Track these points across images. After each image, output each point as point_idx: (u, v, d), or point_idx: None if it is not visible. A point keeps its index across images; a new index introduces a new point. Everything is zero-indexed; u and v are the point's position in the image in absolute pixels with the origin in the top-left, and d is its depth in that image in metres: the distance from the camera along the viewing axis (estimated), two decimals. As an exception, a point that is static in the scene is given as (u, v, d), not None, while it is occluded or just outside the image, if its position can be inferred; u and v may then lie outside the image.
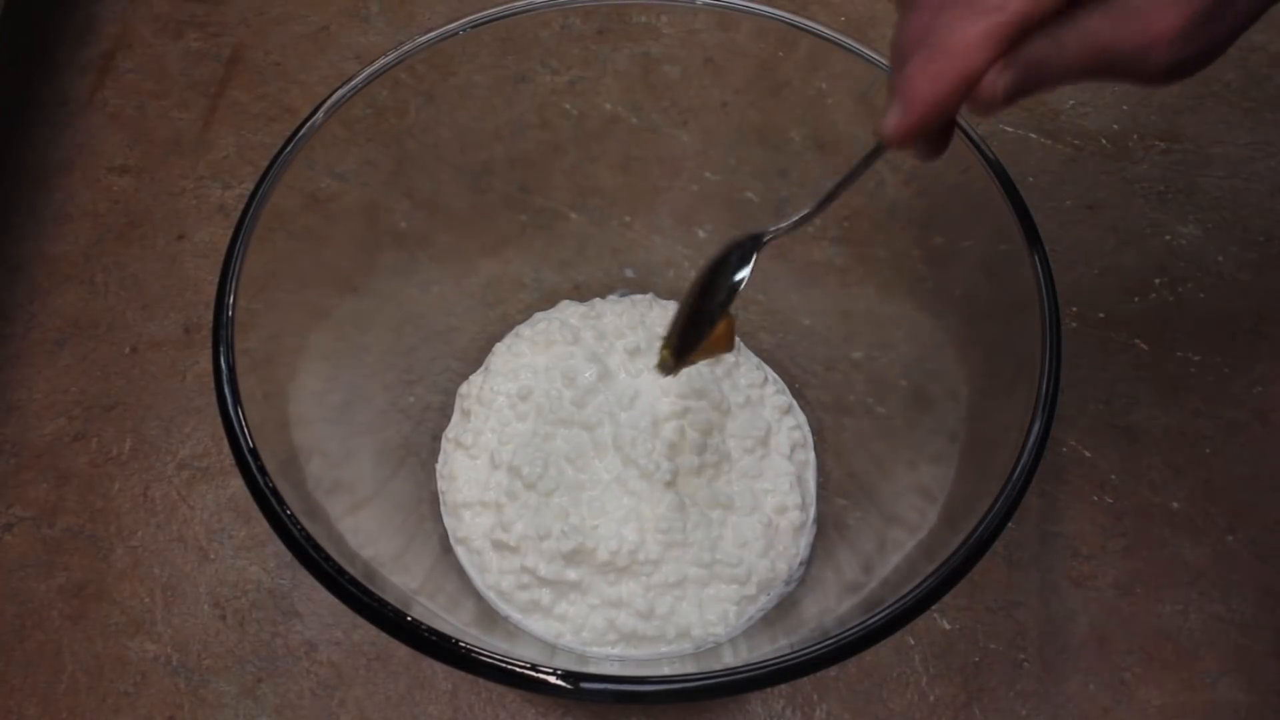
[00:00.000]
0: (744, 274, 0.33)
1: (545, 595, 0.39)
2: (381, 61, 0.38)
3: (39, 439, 0.48)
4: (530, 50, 0.41)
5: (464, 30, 0.39)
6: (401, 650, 0.43)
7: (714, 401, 0.43)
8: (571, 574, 0.39)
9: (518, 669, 0.27)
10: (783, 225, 0.33)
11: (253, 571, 0.45)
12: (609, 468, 0.41)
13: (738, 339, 0.47)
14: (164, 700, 0.42)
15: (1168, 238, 0.53)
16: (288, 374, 0.35)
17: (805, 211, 0.33)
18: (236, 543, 0.45)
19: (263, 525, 0.44)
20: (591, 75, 0.42)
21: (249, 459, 0.30)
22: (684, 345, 0.34)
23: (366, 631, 0.43)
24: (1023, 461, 0.30)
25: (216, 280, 0.33)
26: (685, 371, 0.43)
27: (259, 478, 0.30)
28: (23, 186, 0.55)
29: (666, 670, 0.34)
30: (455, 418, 0.45)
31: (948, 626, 0.43)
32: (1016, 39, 0.26)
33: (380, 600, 0.28)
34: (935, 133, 0.29)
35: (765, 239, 0.33)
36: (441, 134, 0.41)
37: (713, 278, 0.34)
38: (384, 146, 0.40)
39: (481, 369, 0.46)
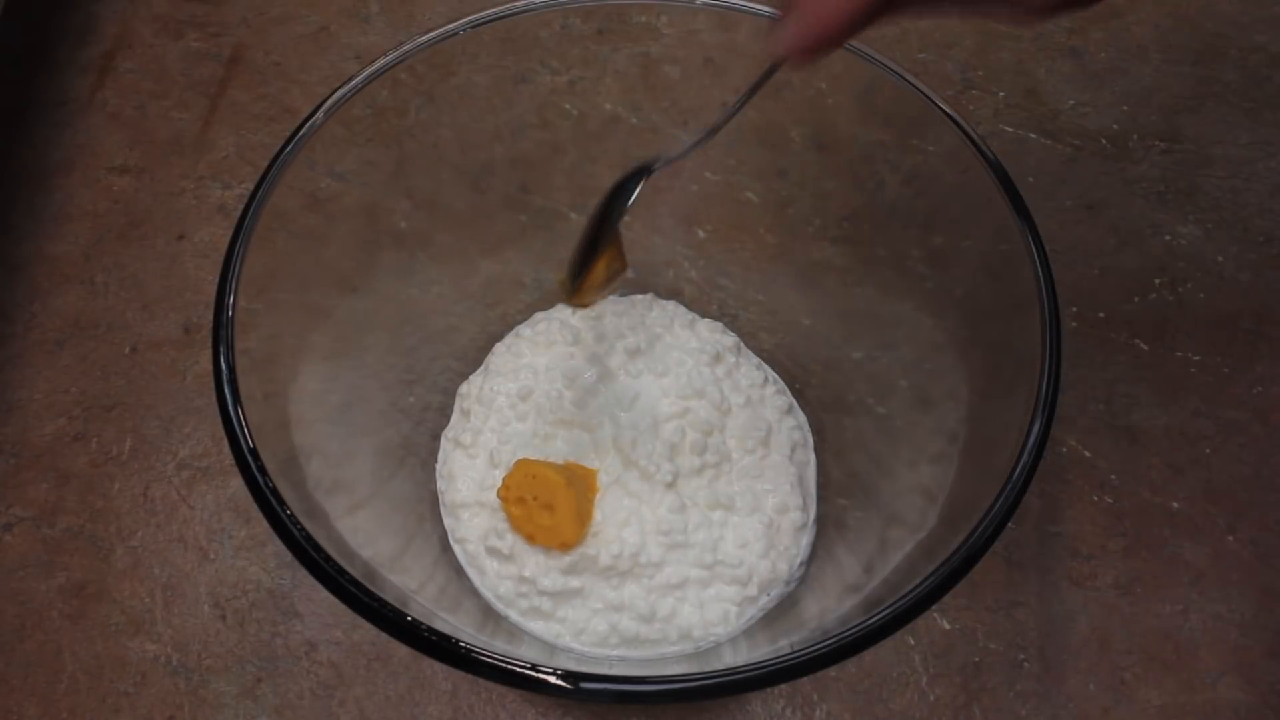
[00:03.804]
0: (631, 200, 0.35)
1: (545, 602, 0.39)
2: (381, 61, 0.38)
3: (39, 439, 0.48)
4: (530, 50, 0.41)
5: (464, 30, 0.39)
6: (401, 650, 0.43)
7: (714, 402, 0.43)
8: (574, 582, 0.39)
9: (518, 669, 0.27)
10: (674, 154, 0.35)
11: (253, 571, 0.45)
12: (609, 469, 0.41)
13: (738, 339, 0.47)
14: (164, 700, 0.42)
15: (1168, 238, 0.53)
16: (288, 374, 0.35)
17: (697, 138, 0.34)
18: (236, 543, 0.45)
19: (263, 525, 0.44)
20: (591, 75, 0.42)
21: (249, 459, 0.30)
22: (579, 267, 0.37)
23: (366, 631, 0.43)
24: (1023, 462, 0.30)
25: (216, 280, 0.33)
26: (686, 372, 0.43)
27: (259, 478, 0.30)
28: (23, 186, 0.55)
29: (666, 670, 0.34)
30: (455, 418, 0.45)
31: (948, 626, 0.43)
32: None
33: (380, 600, 0.28)
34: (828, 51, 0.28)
35: (655, 167, 0.35)
36: (441, 134, 0.41)
37: (607, 206, 0.35)
38: (384, 146, 0.40)
39: (481, 369, 0.46)
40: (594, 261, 0.36)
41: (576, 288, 0.37)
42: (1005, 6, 0.27)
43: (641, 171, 0.35)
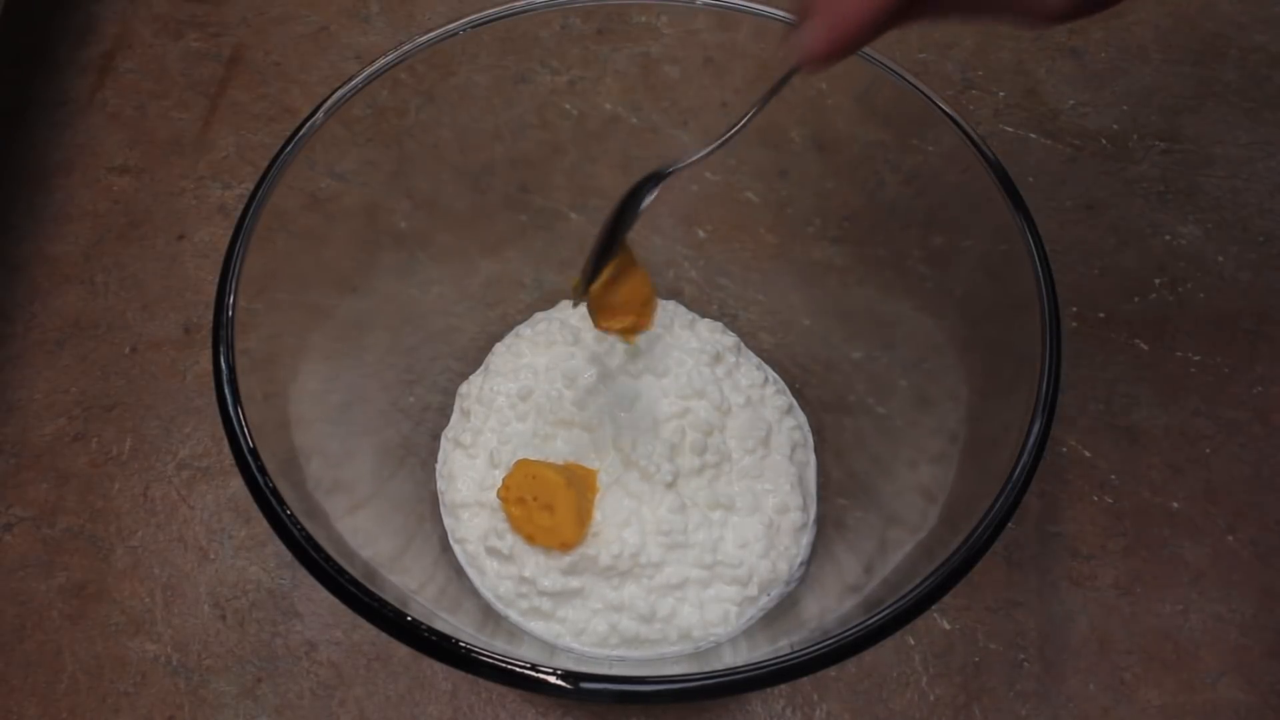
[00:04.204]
0: (645, 204, 0.35)
1: (545, 602, 0.39)
2: (381, 61, 0.38)
3: (39, 439, 0.48)
4: (530, 50, 0.41)
5: (464, 30, 0.39)
6: (401, 650, 0.43)
7: (714, 402, 0.43)
8: (574, 582, 0.39)
9: (518, 669, 0.27)
10: (687, 160, 0.34)
11: (253, 571, 0.45)
12: (609, 469, 0.41)
13: (738, 339, 0.47)
14: (164, 700, 0.42)
15: (1168, 238, 0.53)
16: (288, 374, 0.35)
17: (712, 145, 0.34)
18: (236, 543, 0.45)
19: (263, 525, 0.44)
20: (591, 75, 0.42)
21: (249, 459, 0.30)
22: (591, 273, 0.37)
23: (366, 631, 0.43)
24: (1023, 462, 0.30)
25: (216, 280, 0.33)
26: (685, 372, 0.43)
27: (259, 478, 0.30)
28: (23, 186, 0.55)
29: (666, 670, 0.34)
30: (455, 418, 0.45)
31: (948, 626, 0.43)
32: None
33: (380, 600, 0.28)
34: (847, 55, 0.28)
35: (669, 173, 0.35)
36: (441, 134, 0.41)
37: (622, 212, 0.35)
38: (384, 146, 0.40)
39: (481, 369, 0.46)
40: (605, 268, 0.36)
41: (587, 294, 0.38)
42: (1013, 14, 0.28)
43: (652, 179, 0.35)
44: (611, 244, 0.36)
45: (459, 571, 0.41)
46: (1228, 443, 0.47)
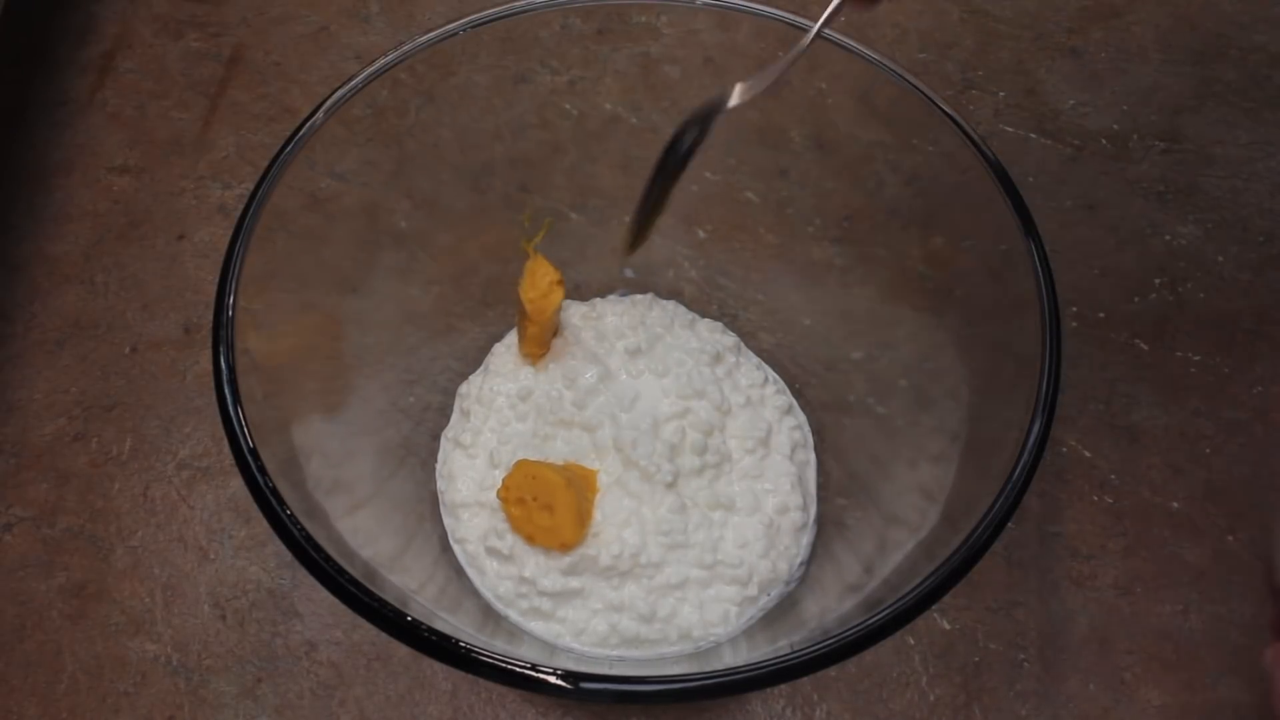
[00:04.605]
0: (701, 145, 0.34)
1: (545, 603, 0.39)
2: (381, 61, 0.38)
3: (39, 439, 0.48)
4: (530, 50, 0.41)
5: (464, 30, 0.39)
6: (401, 650, 0.43)
7: (714, 402, 0.43)
8: (574, 582, 0.39)
9: (518, 669, 0.27)
10: (734, 101, 0.33)
11: (253, 571, 0.45)
12: (609, 470, 0.41)
13: (738, 339, 0.47)
14: (164, 700, 0.42)
15: (1168, 238, 0.53)
16: (288, 374, 0.35)
17: (762, 83, 0.33)
18: (236, 543, 0.45)
19: (263, 525, 0.44)
20: (591, 75, 0.42)
21: (249, 459, 0.30)
22: (640, 224, 0.37)
23: (366, 631, 0.43)
24: (1023, 461, 0.30)
25: (216, 280, 0.33)
26: (686, 372, 0.44)
27: (259, 478, 0.30)
28: (23, 186, 0.55)
29: (666, 670, 0.34)
30: (455, 417, 0.45)
31: (948, 626, 0.43)
32: None
33: (380, 600, 0.28)
34: None
35: (726, 108, 0.33)
36: (441, 134, 0.42)
37: (669, 154, 0.34)
38: (384, 146, 0.40)
39: (481, 369, 0.46)
40: (657, 214, 0.36)
41: (637, 242, 0.38)
42: None
43: (693, 123, 0.33)
44: (660, 196, 0.35)
45: (459, 571, 0.41)
46: (1228, 443, 0.47)
